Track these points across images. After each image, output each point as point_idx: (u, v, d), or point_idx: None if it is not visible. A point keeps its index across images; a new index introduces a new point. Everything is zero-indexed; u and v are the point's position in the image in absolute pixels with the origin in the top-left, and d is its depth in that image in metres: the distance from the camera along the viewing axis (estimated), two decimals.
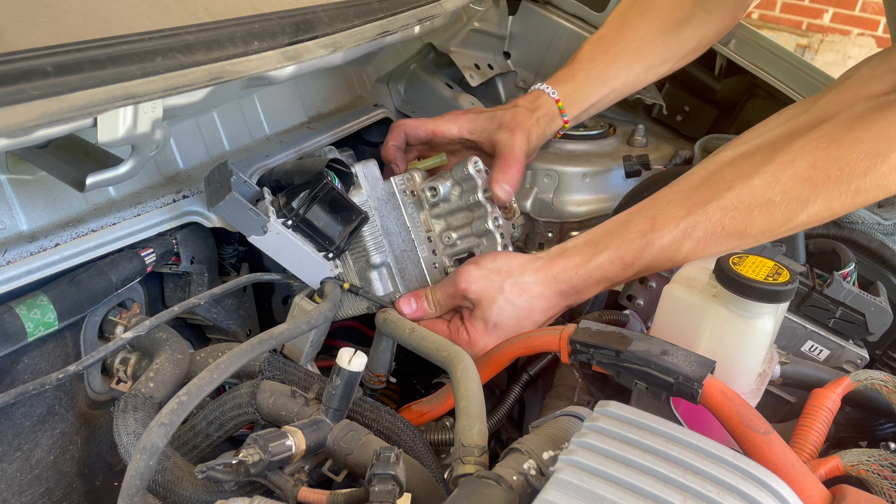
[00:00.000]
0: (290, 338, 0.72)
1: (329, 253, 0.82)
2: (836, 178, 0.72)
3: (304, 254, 0.80)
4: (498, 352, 0.77)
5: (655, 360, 0.64)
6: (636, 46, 1.04)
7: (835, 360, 0.84)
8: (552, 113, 1.02)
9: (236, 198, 0.73)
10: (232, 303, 0.87)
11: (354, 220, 0.82)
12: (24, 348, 0.68)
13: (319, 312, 0.76)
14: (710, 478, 0.48)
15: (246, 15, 0.69)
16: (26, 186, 0.67)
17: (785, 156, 0.74)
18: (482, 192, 0.88)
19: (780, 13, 4.62)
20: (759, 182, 0.74)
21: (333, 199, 0.80)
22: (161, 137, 0.60)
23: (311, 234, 0.80)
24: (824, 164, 0.72)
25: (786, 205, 0.73)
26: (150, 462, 0.55)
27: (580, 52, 1.06)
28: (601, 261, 0.80)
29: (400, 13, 0.87)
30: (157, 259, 0.76)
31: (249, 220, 0.75)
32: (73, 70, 0.52)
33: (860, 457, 0.63)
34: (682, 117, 1.29)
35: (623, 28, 1.05)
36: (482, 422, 0.61)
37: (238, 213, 0.75)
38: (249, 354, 0.66)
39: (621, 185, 1.09)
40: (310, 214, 0.79)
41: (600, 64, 1.04)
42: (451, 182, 0.89)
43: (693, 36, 1.07)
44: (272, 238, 0.77)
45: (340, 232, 0.82)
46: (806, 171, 0.73)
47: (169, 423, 0.57)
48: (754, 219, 0.74)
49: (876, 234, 0.95)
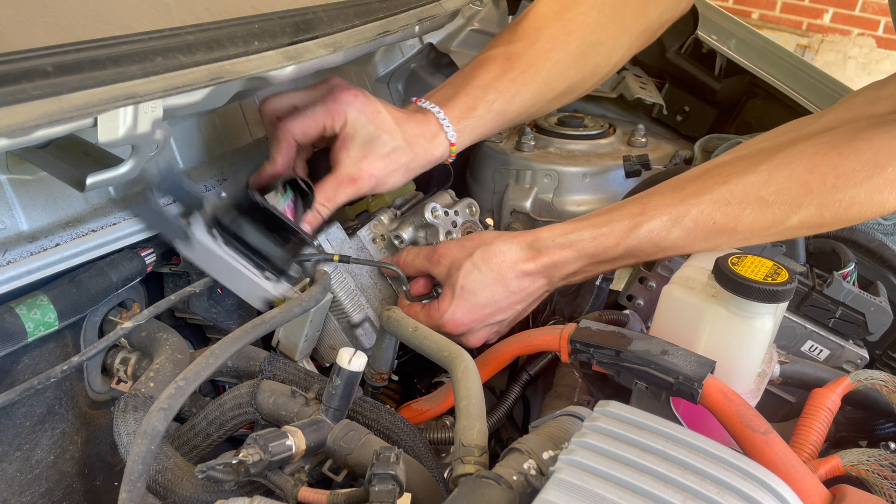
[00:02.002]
0: (282, 322, 0.71)
1: (266, 272, 0.77)
2: (832, 185, 0.71)
3: (235, 270, 0.76)
4: (498, 351, 0.77)
5: (655, 359, 0.64)
6: (546, 76, 0.91)
7: (835, 360, 0.84)
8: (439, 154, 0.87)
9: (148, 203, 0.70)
10: (232, 303, 0.87)
11: (293, 240, 0.78)
12: (24, 348, 0.68)
13: (311, 295, 0.76)
14: (710, 478, 0.48)
15: (246, 15, 0.69)
16: (26, 186, 0.67)
17: (783, 157, 0.74)
18: (444, 234, 0.90)
19: (780, 13, 4.62)
20: (754, 179, 0.74)
21: (268, 217, 0.75)
22: (161, 137, 0.60)
23: (247, 252, 0.76)
24: (821, 170, 0.72)
25: (778, 205, 0.73)
26: (150, 446, 0.55)
27: (485, 71, 0.90)
28: (584, 235, 0.78)
29: (400, 13, 0.87)
30: (157, 259, 0.76)
31: (168, 227, 0.71)
32: (73, 70, 0.52)
33: (860, 457, 0.63)
34: (682, 117, 1.29)
35: (535, 51, 0.91)
36: (482, 422, 0.61)
37: (155, 218, 0.71)
38: (244, 339, 0.66)
39: (621, 185, 1.09)
40: (241, 230, 0.75)
41: (505, 95, 0.89)
42: (412, 228, 0.90)
43: (608, 61, 0.96)
44: (199, 250, 0.73)
45: (280, 253, 0.77)
46: (802, 174, 0.72)
47: (168, 407, 0.57)
48: (745, 216, 0.74)
49: (876, 234, 0.95)
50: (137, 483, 0.54)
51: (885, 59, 4.44)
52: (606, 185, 1.10)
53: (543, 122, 1.19)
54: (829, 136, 0.75)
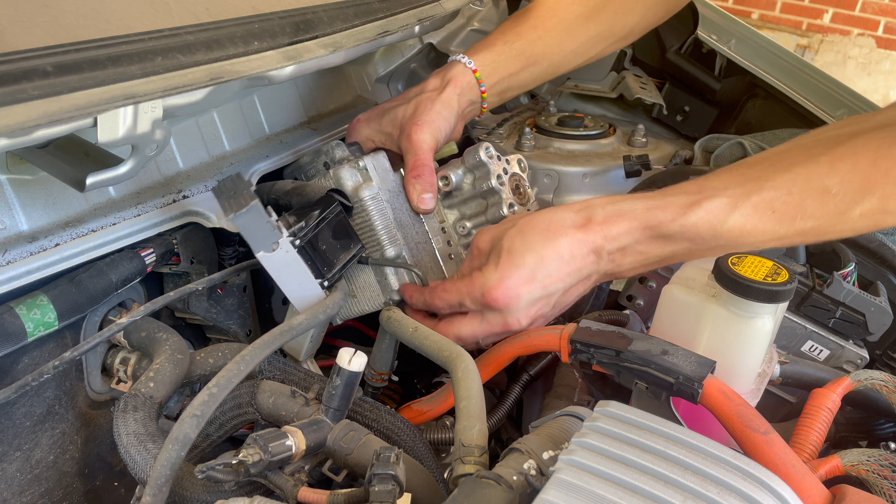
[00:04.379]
0: (308, 327, 0.72)
1: (325, 280, 0.78)
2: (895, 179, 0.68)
3: (304, 277, 0.77)
4: (498, 351, 0.77)
5: (656, 359, 0.64)
6: (567, 26, 0.97)
7: (835, 360, 0.84)
8: (466, 84, 0.94)
9: (258, 207, 0.71)
10: (232, 303, 0.87)
11: (353, 248, 0.80)
12: (24, 348, 0.68)
13: (334, 302, 0.76)
14: (710, 478, 0.48)
15: (246, 15, 0.69)
16: (26, 186, 0.67)
17: (845, 149, 0.71)
18: (495, 178, 0.86)
19: (780, 13, 4.62)
20: (817, 169, 0.70)
21: (339, 223, 0.78)
22: (161, 137, 0.60)
23: (312, 258, 0.77)
24: (884, 163, 0.69)
25: (842, 196, 0.69)
26: (181, 453, 0.56)
27: (505, 23, 0.99)
28: (637, 205, 0.73)
29: (400, 13, 0.87)
30: (157, 259, 0.76)
31: (264, 234, 0.73)
32: (73, 70, 0.52)
33: (860, 457, 0.63)
34: (682, 117, 1.29)
35: (556, 4, 0.98)
36: (482, 422, 0.61)
37: (256, 224, 0.72)
38: (273, 345, 0.67)
39: (621, 185, 1.09)
40: (316, 236, 0.76)
41: (526, 39, 0.96)
42: (462, 170, 0.88)
43: (623, 23, 1.01)
44: (280, 256, 0.74)
45: (339, 258, 0.79)
46: (865, 166, 0.69)
47: (201, 414, 0.58)
48: (807, 206, 0.70)
49: (876, 234, 0.95)
50: (163, 488, 0.55)
51: (885, 59, 4.44)
52: (606, 185, 1.10)
53: (543, 122, 1.19)
54: (890, 129, 0.71)
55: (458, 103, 0.93)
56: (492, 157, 0.87)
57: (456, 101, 0.92)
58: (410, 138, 0.87)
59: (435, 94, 0.91)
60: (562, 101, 1.37)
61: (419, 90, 0.94)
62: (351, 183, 0.83)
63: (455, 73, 0.93)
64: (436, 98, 0.91)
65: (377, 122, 0.94)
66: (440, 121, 0.89)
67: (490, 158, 0.87)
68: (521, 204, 0.90)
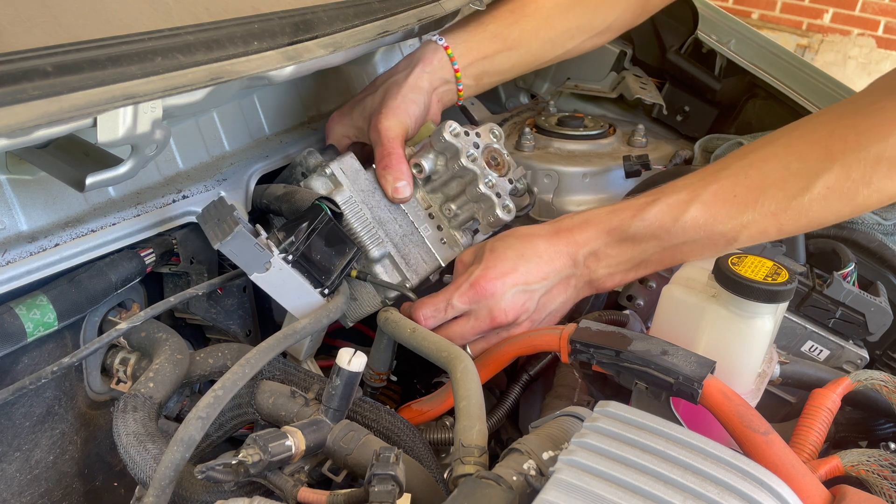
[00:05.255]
0: (312, 331, 0.72)
1: (325, 288, 0.78)
2: (854, 145, 0.67)
3: (303, 290, 0.77)
4: (498, 351, 0.77)
5: (655, 360, 0.64)
6: (545, 14, 0.95)
7: (835, 360, 0.84)
8: (438, 62, 0.91)
9: (244, 233, 0.71)
10: (232, 303, 0.87)
11: (349, 252, 0.80)
12: (24, 348, 0.68)
13: (337, 306, 0.76)
14: (710, 478, 0.48)
15: (246, 15, 0.69)
16: (26, 186, 0.67)
17: (803, 128, 0.72)
18: (465, 156, 0.84)
19: (780, 13, 4.62)
20: (774, 151, 0.71)
21: (331, 230, 0.78)
22: (161, 137, 0.60)
23: (308, 269, 0.77)
24: (841, 132, 0.68)
25: (803, 172, 0.69)
26: (185, 454, 0.56)
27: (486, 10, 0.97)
28: (600, 212, 0.78)
29: (400, 13, 0.87)
30: (156, 259, 0.76)
31: (254, 257, 0.72)
32: (72, 70, 0.52)
33: (860, 457, 0.63)
34: (682, 117, 1.29)
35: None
36: (482, 422, 0.61)
37: (244, 248, 0.72)
38: (277, 349, 0.67)
39: (621, 186, 1.09)
40: (309, 248, 0.76)
41: (501, 22, 0.94)
42: (433, 154, 0.86)
43: (604, 18, 1.00)
44: (275, 274, 0.74)
45: (336, 265, 0.79)
46: (823, 137, 0.69)
47: (206, 416, 0.58)
48: (768, 187, 0.70)
49: (876, 234, 0.95)
50: (167, 489, 0.55)
51: (885, 59, 4.44)
52: (606, 185, 1.10)
53: (543, 123, 1.19)
54: (851, 102, 0.72)
55: (430, 82, 0.91)
56: (458, 135, 0.84)
57: (427, 80, 0.90)
58: (377, 128, 0.86)
59: (402, 78, 0.89)
60: (562, 101, 1.37)
61: (388, 75, 0.92)
62: (323, 191, 0.82)
63: (425, 52, 0.92)
64: (402, 82, 0.89)
65: (349, 118, 0.93)
66: (408, 104, 0.87)
67: (456, 137, 0.84)
68: (502, 175, 0.87)
